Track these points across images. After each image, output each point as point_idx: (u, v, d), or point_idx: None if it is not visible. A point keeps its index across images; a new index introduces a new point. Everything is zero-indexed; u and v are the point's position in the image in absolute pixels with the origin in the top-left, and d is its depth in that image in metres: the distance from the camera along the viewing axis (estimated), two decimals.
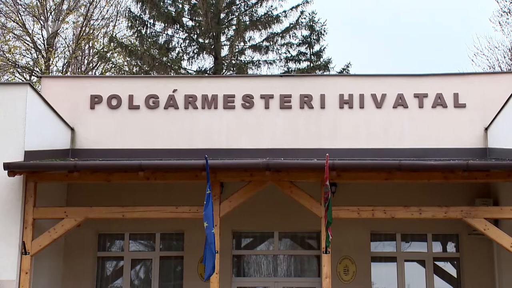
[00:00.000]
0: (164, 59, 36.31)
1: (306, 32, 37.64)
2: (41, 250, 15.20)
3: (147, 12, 36.68)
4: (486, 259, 18.27)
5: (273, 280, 19.08)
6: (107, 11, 38.01)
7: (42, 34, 36.36)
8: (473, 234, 17.31)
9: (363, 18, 54.85)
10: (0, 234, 14.88)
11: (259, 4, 37.16)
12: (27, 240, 14.90)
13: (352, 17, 53.86)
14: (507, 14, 37.21)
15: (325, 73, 35.50)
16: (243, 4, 37.23)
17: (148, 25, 36.97)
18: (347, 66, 36.94)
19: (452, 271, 19.08)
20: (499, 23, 44.42)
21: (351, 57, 51.82)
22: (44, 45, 36.27)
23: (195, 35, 37.14)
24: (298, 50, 37.72)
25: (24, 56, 36.34)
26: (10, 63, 35.82)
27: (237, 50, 37.10)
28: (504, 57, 36.66)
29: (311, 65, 37.25)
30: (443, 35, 53.52)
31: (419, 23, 53.42)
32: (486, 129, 17.80)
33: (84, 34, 37.16)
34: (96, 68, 37.14)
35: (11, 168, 14.74)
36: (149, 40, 36.82)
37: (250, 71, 36.27)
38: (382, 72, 19.80)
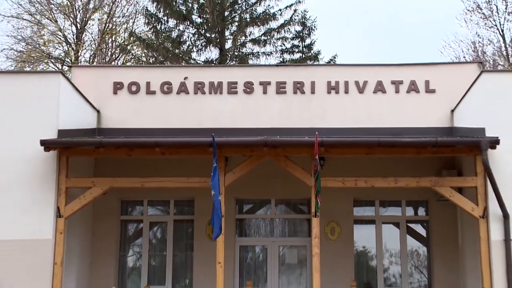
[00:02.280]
0: (176, 51, 36.59)
1: (298, 28, 37.85)
2: (73, 214, 15.34)
3: (161, 11, 36.86)
4: (450, 221, 18.39)
5: (270, 239, 19.21)
6: (127, 10, 38.52)
7: (72, 30, 36.62)
8: (440, 200, 17.35)
9: (349, 13, 54.84)
10: (38, 201, 14.94)
11: (258, 3, 37.27)
12: (61, 206, 15.02)
13: (338, 12, 53.82)
14: (471, 13, 37.18)
15: (315, 63, 35.78)
16: (244, 3, 37.41)
17: (163, 22, 37.15)
18: (334, 57, 37.12)
19: (422, 232, 19.18)
20: (464, 20, 44.65)
21: (338, 49, 51.87)
22: (74, 39, 36.40)
23: (203, 30, 37.36)
24: (292, 43, 37.91)
25: (56, 48, 36.61)
26: (44, 54, 36.02)
27: (239, 43, 37.38)
28: (468, 49, 36.64)
29: (303, 56, 37.52)
30: (418, 29, 53.60)
31: (399, 19, 53.58)
32: (452, 111, 17.81)
33: (107, 29, 37.45)
34: (118, 59, 37.30)
35: (47, 145, 14.87)
36: (163, 34, 37.05)
37: (250, 61, 36.58)
38: (364, 62, 19.72)
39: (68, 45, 36.30)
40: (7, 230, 14.65)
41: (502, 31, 35.93)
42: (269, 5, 37.02)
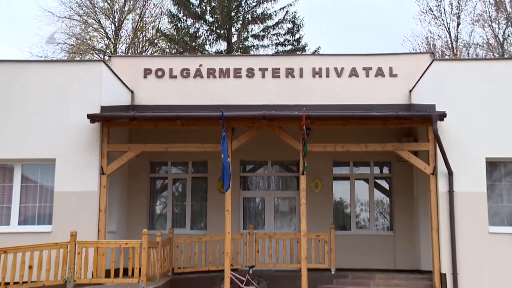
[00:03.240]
0: (193, 44, 36.16)
1: (289, 25, 37.28)
2: (113, 172, 15.60)
3: (181, 12, 36.37)
4: (408, 177, 18.54)
5: (267, 192, 19.48)
6: (154, 11, 37.99)
7: (111, 27, 36.58)
8: (400, 161, 17.38)
9: (329, 12, 54.65)
10: (86, 162, 15.30)
11: (258, 6, 36.80)
12: (104, 165, 15.30)
13: (321, 11, 53.67)
14: (424, 14, 37.58)
15: (303, 53, 35.22)
16: (246, 6, 36.80)
17: (182, 21, 36.63)
18: (318, 49, 36.60)
19: (386, 186, 19.29)
20: (419, 20, 44.64)
21: (321, 42, 51.72)
22: (113, 35, 36.29)
23: (214, 27, 36.76)
24: (284, 38, 37.36)
25: (99, 42, 36.45)
26: (90, 47, 35.82)
27: (242, 37, 36.76)
28: (422, 43, 36.85)
29: (293, 48, 36.92)
30: (384, 25, 53.55)
31: (370, 18, 53.43)
32: (410, 91, 18.01)
33: (139, 27, 37.06)
34: (147, 50, 37.07)
35: (92, 118, 15.13)
36: (183, 31, 36.56)
37: (251, 52, 36.06)
38: (341, 52, 19.70)
39: (108, 40, 36.14)
40: (66, 184, 15.14)
41: (449, 29, 36.03)
42: (266, 7, 36.75)
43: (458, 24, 36.10)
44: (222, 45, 36.94)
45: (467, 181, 14.76)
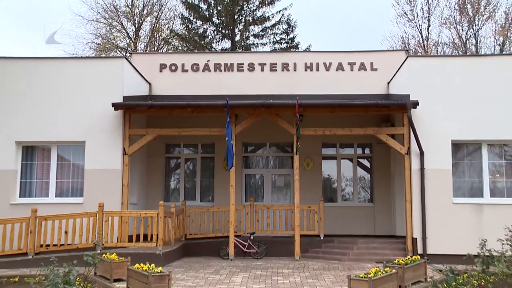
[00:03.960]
0: (202, 42, 36.03)
1: (285, 26, 37.19)
2: (134, 153, 15.77)
3: (192, 15, 36.24)
4: (386, 157, 18.69)
5: (266, 170, 19.60)
6: (169, 14, 37.78)
7: (132, 28, 36.61)
8: (379, 143, 17.38)
9: (319, 12, 54.58)
10: (111, 144, 15.43)
11: (257, 10, 36.64)
12: (126, 147, 15.46)
13: (312, 12, 53.58)
14: (400, 17, 37.81)
15: (296, 50, 34.96)
16: (248, 10, 36.62)
17: (193, 23, 36.48)
18: (309, 46, 36.55)
19: (367, 164, 19.36)
20: (396, 22, 44.86)
21: (312, 40, 51.57)
22: (133, 35, 36.31)
23: (220, 28, 36.64)
24: (280, 37, 37.27)
25: (121, 41, 36.43)
26: (114, 45, 35.84)
27: (244, 37, 36.66)
28: (398, 42, 36.93)
29: (288, 46, 36.75)
30: (366, 26, 53.58)
31: (356, 20, 53.44)
32: (388, 83, 18.05)
33: (155, 28, 36.96)
34: (162, 48, 37.02)
35: (116, 106, 15.25)
36: (193, 31, 36.43)
37: (252, 49, 35.92)
38: (329, 49, 19.65)
39: (129, 39, 36.07)
40: (94, 162, 15.33)
41: (421, 30, 36.08)
42: (265, 11, 36.60)
43: (429, 26, 36.30)
44: (227, 43, 36.80)
45: (436, 160, 14.90)
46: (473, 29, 34.66)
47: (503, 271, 11.03)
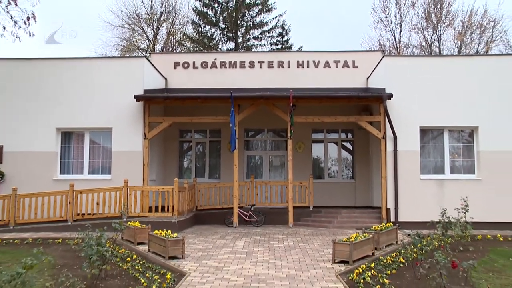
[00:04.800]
0: (210, 44, 35.88)
1: (280, 30, 36.96)
2: (153, 137, 15.81)
3: (201, 21, 36.09)
4: (365, 140, 18.70)
5: (264, 152, 19.57)
6: (182, 20, 37.69)
7: (151, 32, 36.60)
8: (360, 129, 17.48)
9: (310, 17, 54.21)
10: (134, 130, 15.51)
11: (257, 16, 36.41)
12: (146, 132, 15.50)
13: (304, 17, 53.25)
14: (377, 23, 38.11)
15: (290, 50, 34.76)
16: (248, 16, 36.33)
17: (202, 27, 36.35)
18: (301, 47, 36.33)
19: (350, 147, 19.26)
20: (374, 27, 44.72)
21: (303, 41, 51.27)
22: (152, 38, 36.29)
23: (225, 31, 36.42)
24: (276, 39, 36.94)
25: (142, 43, 36.42)
26: (136, 47, 35.81)
27: (246, 39, 36.40)
28: (375, 44, 36.97)
29: (283, 46, 36.48)
30: (350, 28, 53.17)
31: (341, 24, 52.99)
32: (367, 78, 18.02)
33: (171, 31, 36.85)
34: (176, 48, 36.91)
35: (137, 98, 15.31)
36: (202, 34, 36.26)
37: (252, 49, 35.61)
38: (318, 50, 19.58)
39: (148, 41, 35.98)
40: (120, 145, 15.44)
41: (394, 34, 36.30)
42: (263, 17, 36.36)
43: (401, 31, 36.46)
44: (231, 45, 36.54)
45: (406, 143, 14.99)
46: (436, 34, 35.17)
47: (458, 234, 11.31)
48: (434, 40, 35.20)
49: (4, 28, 12.87)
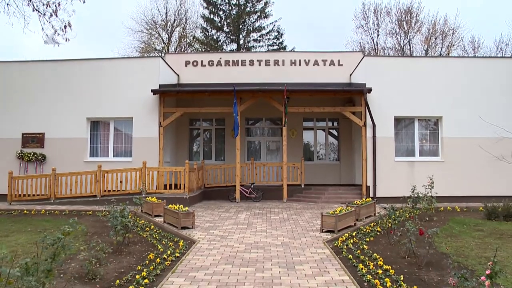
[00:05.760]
0: (216, 45, 35.59)
1: (276, 33, 36.69)
2: (167, 125, 15.74)
3: (208, 26, 35.85)
4: (349, 128, 18.68)
5: (262, 137, 19.46)
6: (192, 25, 37.64)
7: (166, 35, 36.47)
8: (344, 118, 17.53)
9: (302, 22, 53.82)
10: (151, 119, 15.44)
11: (256, 22, 36.12)
12: (161, 121, 15.43)
13: (296, 22, 52.89)
14: (358, 28, 38.24)
15: (284, 51, 34.42)
16: (249, 22, 36.01)
17: (209, 31, 36.05)
18: (294, 48, 36.02)
19: (336, 133, 19.18)
20: (355, 32, 44.32)
21: (296, 43, 50.90)
22: (167, 40, 36.15)
23: (229, 35, 36.07)
24: (273, 41, 36.61)
25: (158, 45, 36.43)
26: (152, 48, 35.69)
27: (246, 41, 36.10)
28: (357, 46, 36.92)
29: (278, 47, 36.19)
30: (336, 32, 52.76)
31: (328, 28, 52.56)
32: (351, 75, 17.91)
33: (182, 35, 36.85)
34: (187, 49, 36.78)
35: (154, 92, 15.22)
36: (209, 37, 35.97)
37: (252, 50, 35.44)
38: (308, 50, 19.46)
39: (163, 43, 35.87)
40: (139, 132, 15.41)
41: (373, 38, 36.46)
42: (261, 23, 36.10)
43: (378, 35, 36.84)
44: (234, 46, 36.18)
45: (383, 130, 14.99)
46: (407, 38, 35.63)
47: (425, 206, 11.39)
48: (406, 43, 35.65)
49: (47, 35, 13.30)
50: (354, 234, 9.25)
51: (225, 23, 36.46)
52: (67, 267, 6.72)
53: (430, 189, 11.73)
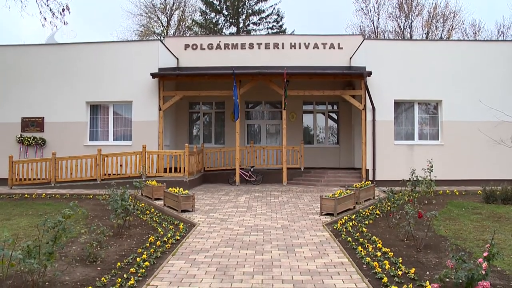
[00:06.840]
0: (215, 28, 35.44)
1: (275, 17, 36.50)
2: (166, 109, 15.72)
3: (208, 9, 35.64)
4: (349, 111, 18.60)
5: (262, 121, 19.40)
6: (191, 9, 37.56)
7: (165, 19, 36.34)
8: (344, 101, 17.45)
9: (301, 3, 53.25)
10: (150, 102, 15.43)
11: (255, 4, 35.90)
12: (161, 104, 15.41)
13: (297, 3, 52.31)
14: (358, 12, 38.43)
15: (284, 34, 34.26)
16: (248, 4, 35.86)
17: (208, 14, 35.87)
18: (293, 31, 35.83)
19: (335, 117, 19.15)
20: (356, 15, 44.34)
21: (296, 26, 50.36)
22: (166, 24, 35.92)
23: (228, 18, 35.94)
24: (272, 24, 36.47)
25: (157, 28, 36.47)
26: (152, 32, 35.58)
27: (246, 24, 35.99)
28: (357, 29, 36.80)
29: (278, 30, 36.00)
30: (336, 15, 52.27)
31: (329, 11, 52.01)
32: (351, 58, 17.73)
33: (181, 18, 36.79)
34: (186, 32, 36.62)
35: (153, 75, 15.18)
36: (208, 20, 35.80)
37: (252, 33, 35.14)
38: (308, 33, 19.32)
39: (163, 27, 35.70)
40: (139, 116, 15.40)
41: (373, 21, 36.20)
42: (261, 5, 35.81)
43: (378, 18, 36.60)
44: (233, 29, 36.13)
45: (383, 113, 14.99)
46: (408, 21, 35.42)
47: (424, 190, 11.46)
48: (406, 27, 35.49)
49: (45, 19, 13.24)
50: (353, 217, 9.29)
51: (225, 6, 36.19)
52: (68, 250, 6.78)
53: (429, 172, 11.76)
